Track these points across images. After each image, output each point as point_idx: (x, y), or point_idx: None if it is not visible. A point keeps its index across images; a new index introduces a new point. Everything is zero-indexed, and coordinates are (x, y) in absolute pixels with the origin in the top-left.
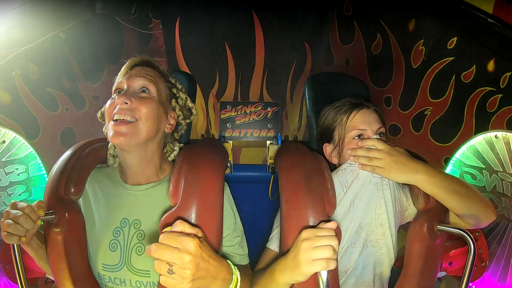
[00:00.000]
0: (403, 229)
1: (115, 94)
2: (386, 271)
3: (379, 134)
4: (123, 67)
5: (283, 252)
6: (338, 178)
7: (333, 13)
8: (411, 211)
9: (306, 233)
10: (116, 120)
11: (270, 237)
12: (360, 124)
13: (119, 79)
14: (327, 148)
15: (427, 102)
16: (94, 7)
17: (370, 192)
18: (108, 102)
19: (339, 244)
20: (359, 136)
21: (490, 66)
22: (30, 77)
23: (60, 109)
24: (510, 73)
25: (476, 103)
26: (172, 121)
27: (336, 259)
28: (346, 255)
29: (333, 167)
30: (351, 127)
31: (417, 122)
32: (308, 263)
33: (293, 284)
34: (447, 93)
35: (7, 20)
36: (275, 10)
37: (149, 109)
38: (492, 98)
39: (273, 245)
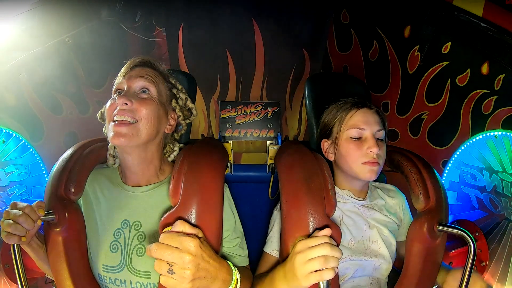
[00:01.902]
0: None
1: (115, 95)
2: (384, 277)
3: (378, 138)
4: (123, 68)
5: (283, 252)
6: None
7: (331, 21)
8: (405, 225)
9: (299, 246)
10: (116, 121)
11: (266, 240)
12: (360, 123)
13: (119, 79)
14: (325, 144)
15: (424, 106)
16: (100, 14)
17: (356, 214)
18: (108, 103)
19: (338, 241)
20: (358, 138)
21: (484, 69)
22: (36, 80)
23: (65, 113)
24: (503, 75)
25: (472, 106)
26: (172, 122)
27: (334, 267)
28: (342, 263)
29: (330, 164)
30: (350, 125)
31: (414, 127)
32: (304, 277)
33: None
34: (443, 97)
35: (16, 24)
36: (274, 18)
37: (150, 110)
38: (487, 100)
39: (269, 248)
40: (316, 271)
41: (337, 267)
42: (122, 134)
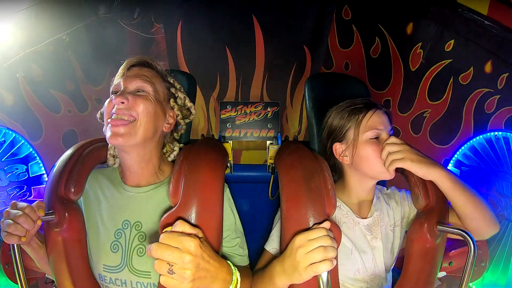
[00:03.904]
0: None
1: (112, 95)
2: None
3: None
4: (121, 68)
5: (282, 251)
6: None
7: (332, 17)
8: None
9: (299, 240)
10: (114, 118)
11: (269, 237)
12: (377, 124)
13: (117, 80)
14: (338, 147)
15: (425, 104)
16: (97, 11)
17: (364, 239)
18: (106, 102)
19: (338, 240)
20: (376, 138)
21: (487, 67)
22: (34, 79)
23: (63, 111)
24: (507, 74)
25: (474, 105)
26: (171, 120)
27: (333, 258)
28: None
29: (339, 171)
30: (368, 127)
31: (416, 125)
32: (304, 269)
33: (293, 284)
34: (445, 95)
35: (12, 22)
36: (274, 14)
37: (146, 107)
38: (490, 99)
39: (269, 246)
40: (315, 263)
41: (336, 258)
42: (119, 134)
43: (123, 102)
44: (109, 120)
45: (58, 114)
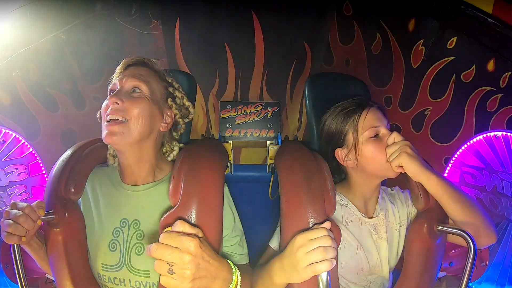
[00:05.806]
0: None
1: (109, 95)
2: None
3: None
4: (118, 68)
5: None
6: (341, 210)
7: (333, 13)
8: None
9: (299, 240)
10: (109, 121)
11: (274, 234)
12: (374, 121)
13: (113, 80)
14: (340, 153)
15: (427, 102)
16: (94, 7)
17: (369, 238)
18: (104, 103)
19: (338, 241)
20: (375, 135)
21: (490, 65)
22: (30, 78)
23: (61, 110)
24: (510, 72)
25: (476, 103)
26: (169, 120)
27: (333, 258)
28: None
29: (342, 173)
30: (366, 126)
31: (417, 122)
32: (304, 269)
33: (293, 284)
34: (447, 93)
35: (8, 21)
36: (274, 11)
37: (140, 109)
38: (492, 97)
39: (273, 243)
40: (315, 263)
41: (335, 259)
42: (114, 133)
43: (117, 103)
44: (105, 123)
45: (55, 113)
